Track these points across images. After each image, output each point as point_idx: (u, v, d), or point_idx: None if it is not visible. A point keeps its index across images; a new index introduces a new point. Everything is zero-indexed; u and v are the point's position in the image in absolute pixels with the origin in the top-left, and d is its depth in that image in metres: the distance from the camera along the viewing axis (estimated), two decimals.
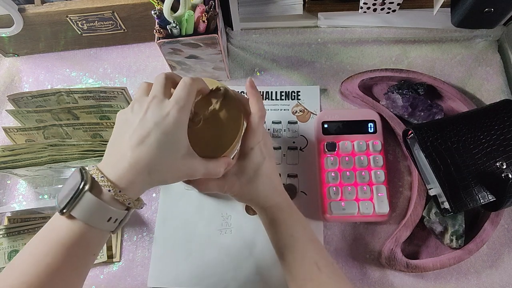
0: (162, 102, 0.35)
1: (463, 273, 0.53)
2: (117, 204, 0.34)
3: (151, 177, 0.34)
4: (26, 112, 0.56)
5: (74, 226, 0.32)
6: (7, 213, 0.56)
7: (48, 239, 0.33)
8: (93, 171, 0.33)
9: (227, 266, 0.54)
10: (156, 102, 0.35)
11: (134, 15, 0.61)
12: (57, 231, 0.33)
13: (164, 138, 0.34)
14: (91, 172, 0.33)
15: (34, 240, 0.33)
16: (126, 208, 0.35)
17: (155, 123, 0.34)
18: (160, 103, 0.35)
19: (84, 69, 0.68)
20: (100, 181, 0.33)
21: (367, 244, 0.55)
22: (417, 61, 0.66)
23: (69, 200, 0.32)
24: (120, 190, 0.33)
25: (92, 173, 0.33)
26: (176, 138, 0.35)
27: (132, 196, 0.34)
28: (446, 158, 0.49)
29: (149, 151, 0.33)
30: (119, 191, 0.33)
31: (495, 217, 0.53)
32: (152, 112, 0.34)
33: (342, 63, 0.66)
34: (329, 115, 0.59)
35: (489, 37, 0.66)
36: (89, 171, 0.33)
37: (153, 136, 0.33)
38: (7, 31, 0.61)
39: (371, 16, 0.65)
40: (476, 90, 0.63)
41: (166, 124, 0.34)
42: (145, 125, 0.34)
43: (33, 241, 0.33)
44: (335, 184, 0.55)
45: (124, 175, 0.33)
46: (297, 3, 0.62)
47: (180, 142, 0.36)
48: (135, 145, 0.33)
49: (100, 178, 0.33)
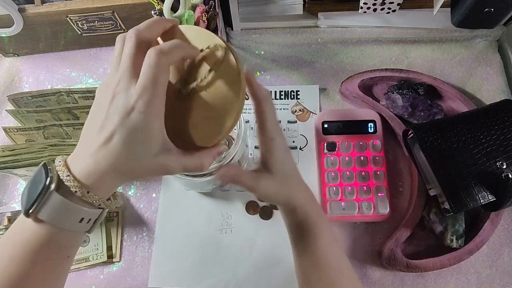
0: (128, 90, 0.29)
1: (463, 273, 0.53)
2: (87, 204, 0.30)
3: (119, 178, 0.31)
4: (26, 112, 0.56)
5: (41, 229, 0.29)
6: (7, 213, 0.56)
7: (14, 242, 0.30)
8: (59, 167, 0.29)
9: (228, 266, 0.54)
10: (122, 88, 0.29)
11: (134, 15, 0.61)
12: (23, 234, 0.30)
13: (130, 138, 0.28)
14: (58, 169, 0.29)
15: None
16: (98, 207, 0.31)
17: (119, 120, 0.28)
18: (126, 91, 0.29)
19: (84, 69, 0.68)
20: (66, 180, 0.29)
21: (367, 244, 0.55)
22: (417, 61, 0.66)
23: (34, 201, 0.28)
24: (88, 190, 0.29)
25: (58, 170, 0.29)
26: (145, 136, 0.29)
27: (103, 196, 0.30)
28: (446, 158, 0.49)
29: (114, 153, 0.29)
30: (87, 191, 0.29)
31: (495, 217, 0.53)
32: (117, 104, 0.29)
33: (342, 63, 0.66)
34: (329, 115, 0.59)
35: (489, 37, 0.66)
36: (56, 167, 0.29)
37: (118, 136, 0.28)
38: (7, 31, 0.61)
39: (371, 16, 0.65)
40: (476, 90, 0.63)
41: (132, 122, 0.28)
42: (110, 121, 0.29)
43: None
44: (335, 184, 0.55)
45: (90, 174, 0.29)
46: (297, 3, 0.62)
47: (152, 140, 0.29)
48: (101, 144, 0.29)
49: (66, 177, 0.29)
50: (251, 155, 0.60)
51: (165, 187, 0.59)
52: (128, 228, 0.57)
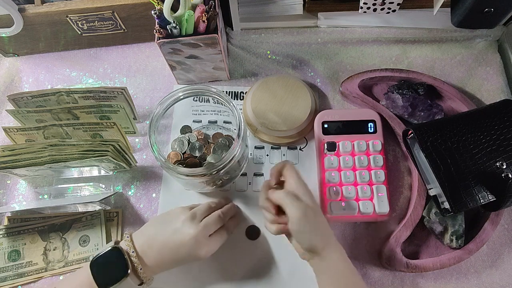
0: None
1: (463, 273, 0.53)
2: (139, 282, 0.43)
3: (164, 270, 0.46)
4: (26, 112, 0.56)
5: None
6: (7, 213, 0.56)
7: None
8: (135, 260, 0.42)
9: (228, 266, 0.54)
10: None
11: (134, 15, 0.61)
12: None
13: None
14: (135, 264, 0.42)
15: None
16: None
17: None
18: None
19: (84, 69, 0.68)
20: (140, 273, 0.42)
21: (367, 244, 0.55)
22: (417, 61, 0.66)
23: (112, 283, 0.41)
24: (149, 278, 0.44)
25: (135, 264, 0.42)
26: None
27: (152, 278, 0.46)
28: (446, 158, 0.49)
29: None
30: (148, 278, 0.43)
31: (495, 217, 0.53)
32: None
33: (342, 63, 0.66)
34: (329, 115, 0.59)
35: (489, 37, 0.66)
36: (134, 260, 0.42)
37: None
38: (7, 31, 0.61)
39: (371, 16, 0.65)
40: (476, 90, 0.63)
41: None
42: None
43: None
44: (335, 184, 0.55)
45: (152, 268, 0.44)
46: (297, 3, 0.62)
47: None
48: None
49: (140, 271, 0.42)
50: (251, 155, 0.60)
51: (165, 187, 0.59)
52: (128, 228, 0.57)
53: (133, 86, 0.66)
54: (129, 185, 0.59)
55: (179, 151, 0.58)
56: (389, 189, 0.55)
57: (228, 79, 0.66)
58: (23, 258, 0.54)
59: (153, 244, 0.44)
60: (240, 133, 0.47)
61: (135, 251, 0.43)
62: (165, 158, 0.47)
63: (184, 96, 0.51)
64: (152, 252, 0.43)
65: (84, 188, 0.59)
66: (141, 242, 0.44)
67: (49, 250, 0.54)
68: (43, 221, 0.55)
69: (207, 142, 0.59)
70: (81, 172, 0.59)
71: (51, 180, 0.60)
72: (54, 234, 0.55)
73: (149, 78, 0.67)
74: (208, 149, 0.58)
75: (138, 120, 0.63)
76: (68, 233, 0.55)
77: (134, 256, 0.42)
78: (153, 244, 0.44)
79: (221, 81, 0.66)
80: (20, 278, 0.53)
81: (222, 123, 0.62)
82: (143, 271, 0.42)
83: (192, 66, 0.60)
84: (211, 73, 0.63)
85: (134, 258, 0.42)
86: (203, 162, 0.56)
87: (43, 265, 0.54)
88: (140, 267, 0.42)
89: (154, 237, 0.45)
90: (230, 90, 0.65)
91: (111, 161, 0.52)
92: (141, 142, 0.62)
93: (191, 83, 0.66)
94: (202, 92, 0.51)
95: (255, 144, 0.61)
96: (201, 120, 0.62)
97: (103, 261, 0.42)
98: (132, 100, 0.59)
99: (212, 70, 0.62)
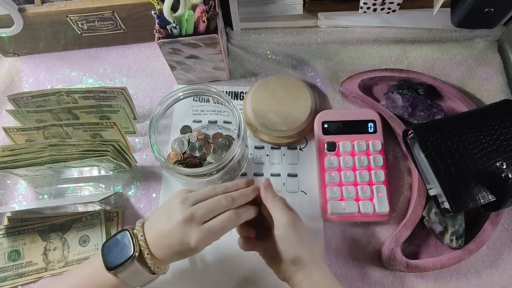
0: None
1: (463, 273, 0.53)
2: (150, 271, 0.41)
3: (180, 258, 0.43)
4: (26, 112, 0.56)
5: (115, 281, 0.40)
6: (7, 213, 0.56)
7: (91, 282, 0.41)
8: (142, 244, 0.40)
9: (228, 266, 0.54)
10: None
11: (134, 15, 0.61)
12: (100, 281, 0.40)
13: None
14: (142, 248, 0.40)
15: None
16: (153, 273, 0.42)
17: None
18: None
19: (84, 69, 0.68)
20: (147, 258, 0.40)
21: (367, 244, 0.55)
22: (417, 61, 0.66)
23: (120, 265, 0.39)
24: (158, 266, 0.41)
25: (142, 249, 0.40)
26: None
27: (164, 269, 0.44)
28: (446, 158, 0.49)
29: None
30: (157, 267, 0.41)
31: (495, 217, 0.53)
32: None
33: (342, 63, 0.66)
34: (329, 115, 0.59)
35: (489, 37, 0.66)
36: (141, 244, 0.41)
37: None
38: (7, 31, 0.61)
39: (371, 16, 0.65)
40: (476, 90, 0.63)
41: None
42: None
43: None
44: (335, 184, 0.55)
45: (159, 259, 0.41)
46: (297, 3, 0.62)
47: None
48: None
49: (146, 256, 0.40)
50: (251, 155, 0.60)
51: (165, 187, 0.59)
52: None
53: (133, 86, 0.66)
54: (129, 185, 0.59)
55: (179, 151, 0.58)
56: (389, 189, 0.55)
57: (228, 79, 0.66)
58: (23, 258, 0.54)
59: (155, 232, 0.42)
60: (240, 133, 0.47)
61: (144, 236, 0.41)
62: (165, 158, 0.47)
63: (184, 96, 0.51)
64: (156, 241, 0.41)
65: (84, 188, 0.59)
66: (147, 229, 0.42)
67: (49, 250, 0.54)
68: (43, 221, 0.55)
69: (207, 142, 0.59)
70: (81, 172, 0.59)
71: (51, 180, 0.60)
72: (54, 234, 0.55)
73: (149, 78, 0.67)
74: (208, 149, 0.58)
75: (138, 120, 0.63)
76: (68, 233, 0.55)
77: (142, 240, 0.41)
78: (154, 232, 0.42)
79: (221, 81, 0.66)
80: (20, 278, 0.53)
81: (222, 123, 0.62)
82: (149, 256, 0.40)
83: (192, 66, 0.60)
84: (211, 73, 0.63)
85: (142, 242, 0.40)
86: (203, 162, 0.56)
87: (43, 265, 0.54)
88: (146, 252, 0.40)
89: (155, 224, 0.43)
90: (230, 90, 0.65)
91: (111, 161, 0.53)
92: (141, 142, 0.62)
93: (191, 83, 0.66)
94: (202, 92, 0.51)
95: (255, 144, 0.61)
96: (201, 120, 0.62)
97: (112, 243, 0.41)
98: (132, 100, 0.59)
99: (212, 70, 0.62)
